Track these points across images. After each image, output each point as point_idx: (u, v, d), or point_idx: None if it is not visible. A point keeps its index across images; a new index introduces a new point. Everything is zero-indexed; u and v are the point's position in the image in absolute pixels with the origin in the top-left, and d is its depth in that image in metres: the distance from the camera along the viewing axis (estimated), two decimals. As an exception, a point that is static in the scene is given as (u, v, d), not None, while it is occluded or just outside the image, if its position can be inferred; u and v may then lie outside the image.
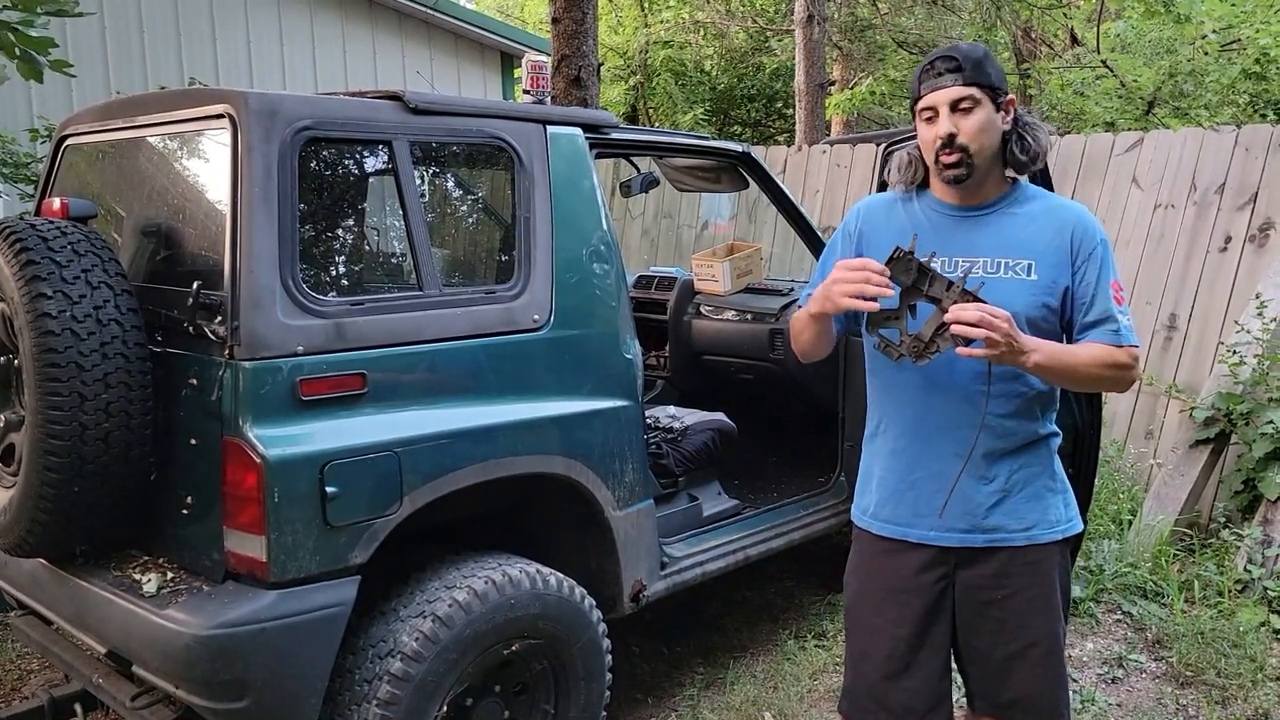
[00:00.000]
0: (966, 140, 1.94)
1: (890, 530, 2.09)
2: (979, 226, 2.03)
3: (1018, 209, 2.03)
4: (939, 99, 1.95)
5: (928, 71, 1.97)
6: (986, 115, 1.95)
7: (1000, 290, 1.94)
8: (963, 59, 1.94)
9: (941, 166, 1.97)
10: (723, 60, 15.32)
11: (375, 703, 2.39)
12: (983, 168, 1.98)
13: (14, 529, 2.43)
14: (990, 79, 1.95)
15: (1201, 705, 3.39)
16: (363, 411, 2.43)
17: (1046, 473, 2.06)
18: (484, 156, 2.92)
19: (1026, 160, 2.01)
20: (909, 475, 2.06)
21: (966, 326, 1.79)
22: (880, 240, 2.07)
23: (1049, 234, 2.00)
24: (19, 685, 3.57)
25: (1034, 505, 2.03)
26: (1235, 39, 8.59)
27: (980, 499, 2.01)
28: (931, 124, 1.97)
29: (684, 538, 3.35)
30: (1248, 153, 5.07)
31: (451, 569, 2.61)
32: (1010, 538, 2.02)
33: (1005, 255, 1.99)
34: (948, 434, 2.01)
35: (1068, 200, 2.11)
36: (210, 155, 2.57)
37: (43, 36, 3.13)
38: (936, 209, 2.07)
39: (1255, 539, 4.19)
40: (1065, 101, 10.07)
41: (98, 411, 2.28)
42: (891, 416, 2.09)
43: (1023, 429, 2.02)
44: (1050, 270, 1.98)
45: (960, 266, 1.97)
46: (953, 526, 2.02)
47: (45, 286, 2.27)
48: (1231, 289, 5.01)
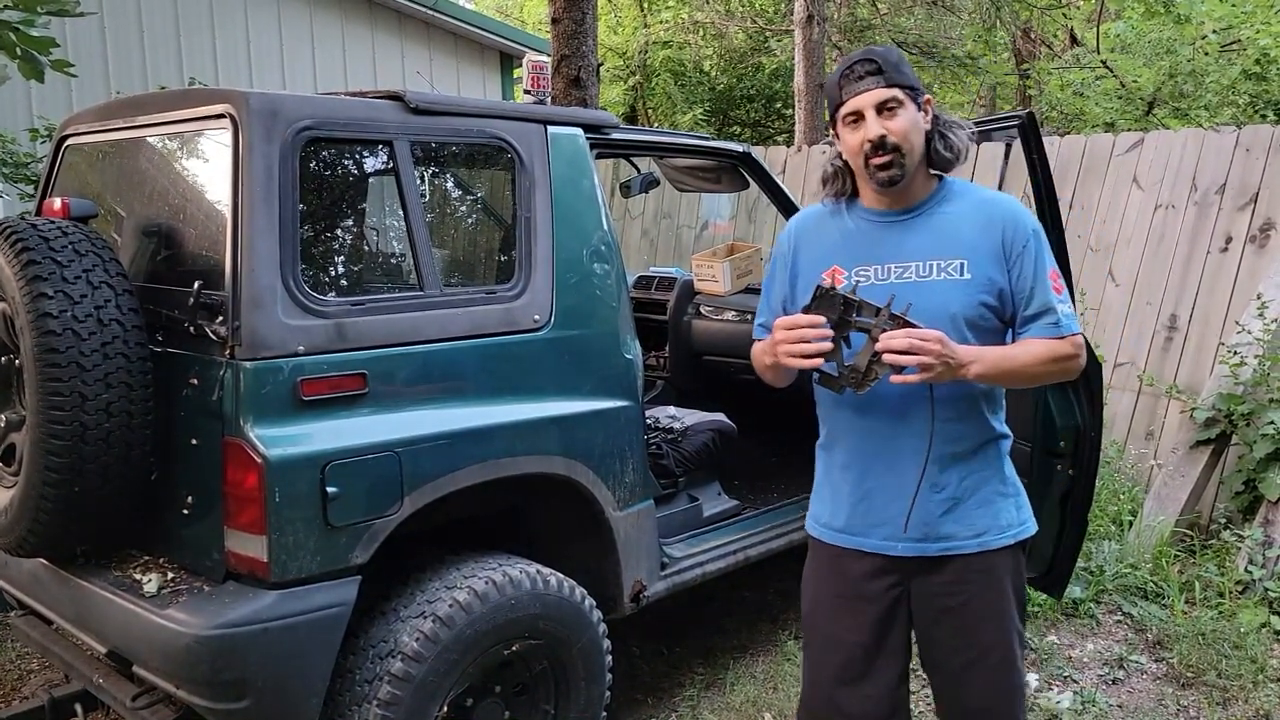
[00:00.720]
0: (897, 140, 1.91)
1: (844, 540, 2.07)
2: (909, 230, 2.00)
3: (946, 208, 2.01)
4: (864, 102, 1.92)
5: (847, 76, 1.94)
6: (911, 115, 1.94)
7: (935, 293, 1.92)
8: (882, 61, 1.93)
9: (874, 170, 1.94)
10: (722, 60, 15.32)
11: (376, 703, 2.39)
12: (912, 168, 1.95)
13: (15, 529, 2.42)
14: (910, 80, 1.95)
15: (1202, 706, 3.39)
16: (363, 412, 2.43)
17: (997, 477, 2.04)
18: (485, 157, 2.92)
19: (951, 157, 1.99)
20: (861, 485, 2.04)
21: (898, 355, 1.78)
22: (814, 258, 2.06)
23: (979, 230, 1.97)
24: (19, 685, 3.56)
25: (985, 511, 2.01)
26: (1235, 39, 8.60)
27: (932, 507, 1.98)
28: (857, 128, 1.94)
29: (684, 538, 3.35)
30: (1248, 153, 5.07)
31: (452, 569, 2.61)
32: (963, 545, 2.00)
33: (936, 256, 1.96)
34: (897, 443, 1.99)
35: (996, 193, 2.09)
36: (211, 155, 2.57)
37: (44, 36, 3.12)
38: (866, 217, 2.04)
39: (1256, 540, 4.19)
40: (1065, 102, 10.08)
41: (99, 411, 2.28)
42: (841, 428, 2.07)
43: (971, 432, 2.00)
44: (984, 267, 1.95)
45: (893, 273, 1.96)
46: (906, 536, 2.00)
47: (46, 286, 2.27)
48: (1232, 289, 5.01)
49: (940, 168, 2.01)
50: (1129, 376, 5.28)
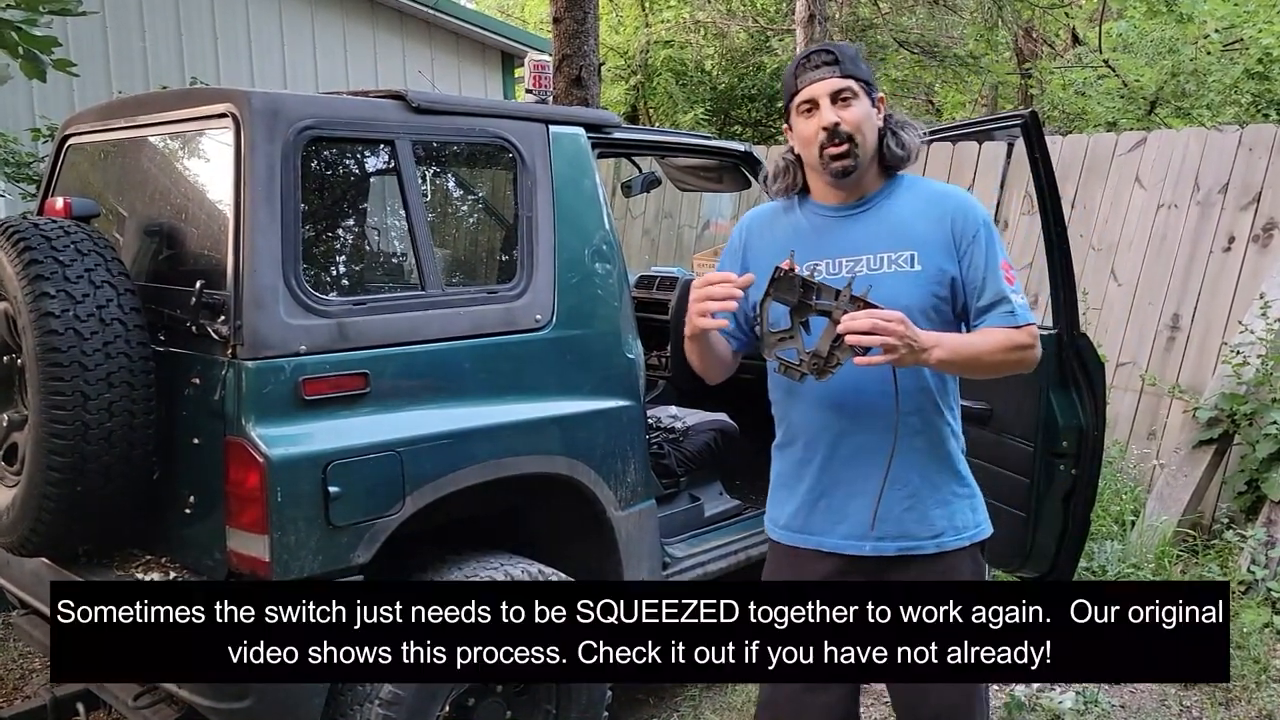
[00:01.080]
0: (851, 129, 1.89)
1: (802, 540, 2.03)
2: (859, 223, 1.98)
3: (895, 201, 1.99)
4: (819, 90, 1.91)
5: (803, 65, 1.93)
6: (865, 108, 1.93)
7: (887, 285, 1.89)
8: (839, 53, 1.92)
9: (828, 160, 1.91)
10: (723, 60, 15.30)
11: (378, 702, 2.39)
12: (866, 161, 1.93)
13: (17, 528, 2.43)
14: (865, 74, 1.94)
15: (1205, 707, 3.38)
16: (365, 411, 2.43)
17: (954, 477, 2.00)
18: (486, 156, 2.92)
19: (904, 155, 1.97)
20: (818, 484, 2.00)
21: (861, 335, 1.74)
22: (765, 252, 2.02)
23: (929, 221, 1.95)
24: (21, 685, 3.57)
25: (942, 512, 1.97)
26: (1238, 39, 8.59)
27: (891, 504, 1.94)
28: (811, 116, 1.92)
29: (685, 538, 3.35)
30: (1251, 153, 5.06)
31: (454, 569, 2.61)
32: (920, 545, 1.96)
33: (887, 249, 1.94)
34: (859, 437, 1.95)
35: (946, 185, 2.07)
36: (213, 155, 2.57)
37: (46, 36, 3.12)
38: (817, 212, 2.02)
39: (1259, 540, 4.18)
40: (1067, 101, 10.07)
41: (101, 411, 2.28)
42: (797, 425, 2.03)
43: (929, 428, 1.96)
44: (935, 258, 1.93)
45: (844, 266, 1.94)
46: (865, 535, 1.96)
47: (48, 286, 2.27)
48: (1235, 289, 5.00)
49: (892, 166, 1.99)
50: (1131, 376, 5.27)
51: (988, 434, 3.21)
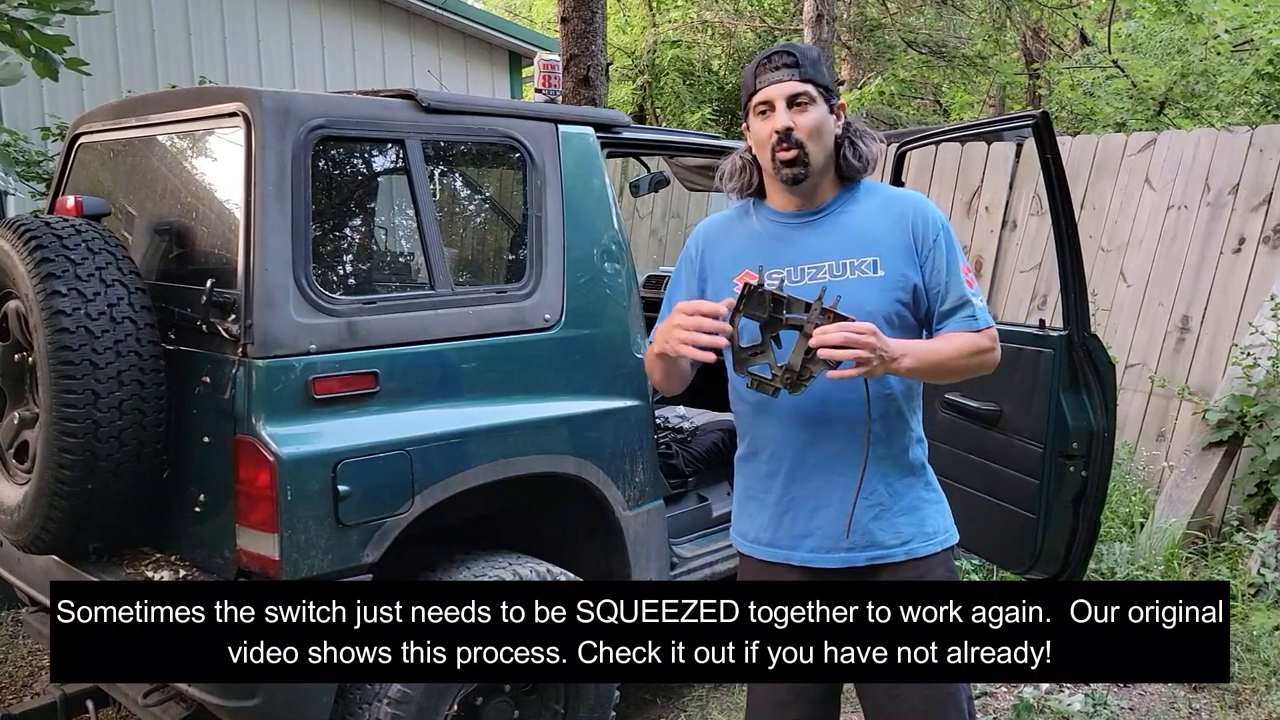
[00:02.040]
0: (803, 136, 1.87)
1: (771, 554, 2.00)
2: (819, 230, 1.95)
3: (854, 206, 1.97)
4: (775, 93, 1.88)
5: (763, 66, 1.91)
6: (821, 114, 1.90)
7: (851, 291, 1.86)
8: (800, 56, 1.90)
9: (779, 164, 1.89)
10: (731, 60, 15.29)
11: (386, 701, 2.39)
12: (818, 169, 1.91)
13: (28, 525, 2.43)
14: (825, 79, 1.91)
15: (1214, 709, 3.37)
16: (374, 410, 2.43)
17: (920, 482, 1.98)
18: (496, 156, 2.92)
19: (860, 166, 1.95)
20: (785, 496, 1.96)
21: (834, 350, 1.71)
22: (722, 261, 2.00)
23: (889, 226, 1.93)
24: (31, 682, 3.58)
25: (910, 518, 1.95)
26: (1248, 39, 8.55)
27: (857, 515, 1.91)
28: (767, 118, 1.90)
29: (693, 538, 3.35)
30: (1262, 153, 5.04)
31: (462, 568, 2.61)
32: (890, 553, 1.94)
33: (849, 255, 1.92)
34: (821, 448, 1.92)
35: (904, 190, 2.05)
36: (223, 154, 2.58)
37: (57, 35, 3.13)
38: (775, 219, 1.99)
39: (1269, 542, 4.16)
40: (1075, 102, 10.05)
41: (111, 409, 2.28)
42: (763, 437, 1.99)
43: (896, 436, 1.94)
44: (897, 263, 1.91)
45: (807, 274, 1.91)
46: (834, 546, 1.93)
47: (60, 284, 2.28)
48: (1245, 290, 4.98)
49: (848, 175, 1.97)
50: (1140, 378, 5.25)
51: (997, 435, 3.21)
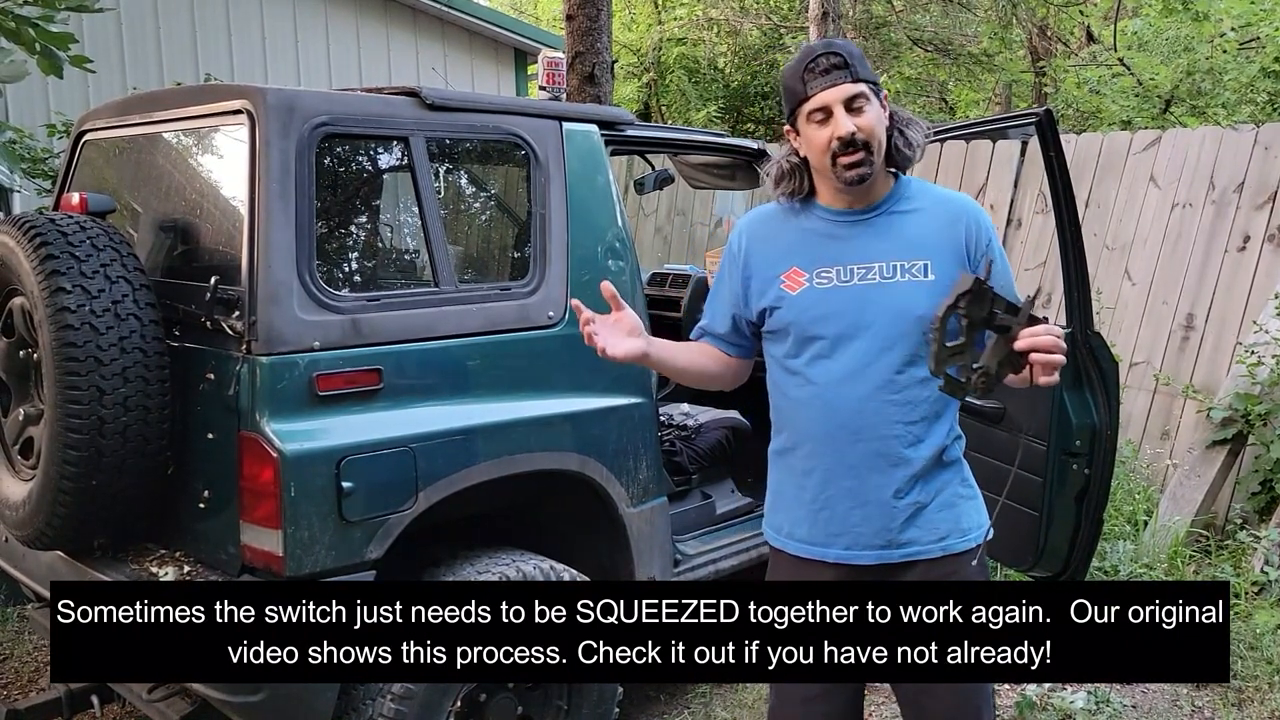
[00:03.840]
0: (867, 137, 1.84)
1: (805, 550, 2.00)
2: (870, 230, 1.94)
3: (905, 206, 1.95)
4: (832, 97, 1.84)
5: (811, 70, 1.85)
6: (877, 112, 1.88)
7: (899, 295, 1.87)
8: (847, 55, 1.86)
9: (843, 169, 1.86)
10: (736, 57, 15.28)
11: (390, 696, 2.40)
12: (878, 166, 1.89)
13: (33, 521, 2.44)
14: (872, 75, 1.90)
15: (1217, 707, 3.37)
16: (378, 407, 2.44)
17: (957, 479, 1.98)
18: (500, 153, 2.92)
19: (910, 155, 1.93)
20: (822, 493, 1.95)
21: (1047, 355, 1.73)
22: (769, 258, 1.98)
23: (940, 228, 1.93)
24: (36, 677, 3.59)
25: (947, 515, 1.95)
26: (1254, 37, 8.53)
27: (896, 513, 1.92)
28: (825, 125, 1.85)
29: (697, 535, 3.35)
30: (1267, 151, 5.03)
31: (466, 565, 2.62)
32: (926, 550, 1.94)
33: (900, 258, 1.90)
34: (858, 447, 1.91)
35: (952, 191, 2.05)
36: (228, 151, 2.58)
37: (62, 32, 3.14)
38: (825, 217, 1.96)
39: (1272, 540, 4.16)
40: (1081, 100, 10.02)
41: (116, 405, 2.29)
42: (801, 433, 1.98)
43: (933, 435, 1.93)
44: (948, 268, 1.90)
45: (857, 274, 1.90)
46: (869, 544, 1.93)
47: (64, 281, 2.28)
48: (1249, 289, 4.97)
49: (899, 165, 1.96)
50: (1145, 376, 5.25)
51: (1001, 433, 3.20)
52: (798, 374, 1.95)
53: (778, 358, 2.00)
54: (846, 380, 1.89)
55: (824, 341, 1.91)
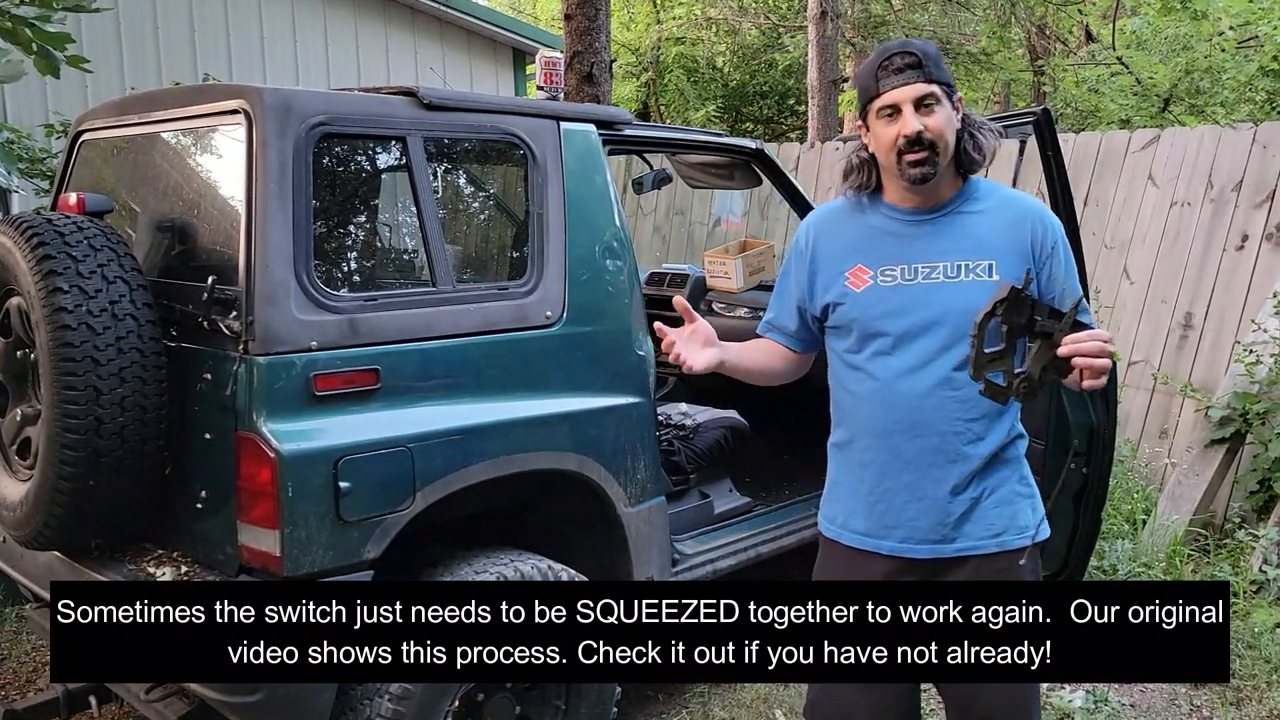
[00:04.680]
0: (934, 137, 1.87)
1: (860, 542, 2.03)
2: (936, 230, 1.97)
3: (972, 207, 1.98)
4: (902, 96, 1.88)
5: (885, 67, 1.89)
6: (948, 114, 1.91)
7: (963, 294, 1.90)
8: (922, 55, 1.89)
9: (906, 166, 1.89)
10: (735, 57, 15.29)
11: (388, 697, 2.39)
12: (943, 167, 1.92)
13: (30, 522, 2.44)
14: (947, 77, 1.92)
15: (1216, 706, 3.37)
16: (376, 407, 2.43)
17: (1015, 477, 2.01)
18: (498, 153, 2.92)
19: (980, 159, 1.96)
20: (878, 486, 1.99)
21: (1092, 360, 1.75)
22: (834, 254, 2.02)
23: (1006, 230, 1.95)
24: (34, 677, 3.59)
25: (1004, 511, 1.98)
26: (1252, 36, 8.53)
27: (952, 509, 1.95)
28: (893, 122, 1.89)
29: (695, 535, 3.35)
30: (1265, 150, 5.03)
31: (464, 565, 2.62)
32: (981, 545, 1.96)
33: (965, 258, 1.93)
34: (917, 443, 1.95)
35: (1020, 193, 2.07)
36: (225, 151, 2.58)
37: (59, 32, 3.14)
38: (891, 215, 2.00)
39: (1271, 539, 4.16)
40: (1080, 99, 10.03)
41: (113, 405, 2.29)
42: (860, 427, 2.02)
43: (992, 433, 1.96)
44: (1012, 269, 1.91)
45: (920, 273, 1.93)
46: (924, 538, 1.97)
47: (61, 281, 2.28)
48: (1248, 287, 4.97)
49: (968, 169, 1.98)
50: (1143, 374, 5.25)
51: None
52: (859, 369, 1.99)
53: (840, 352, 2.04)
54: (907, 376, 1.93)
55: (886, 338, 1.95)
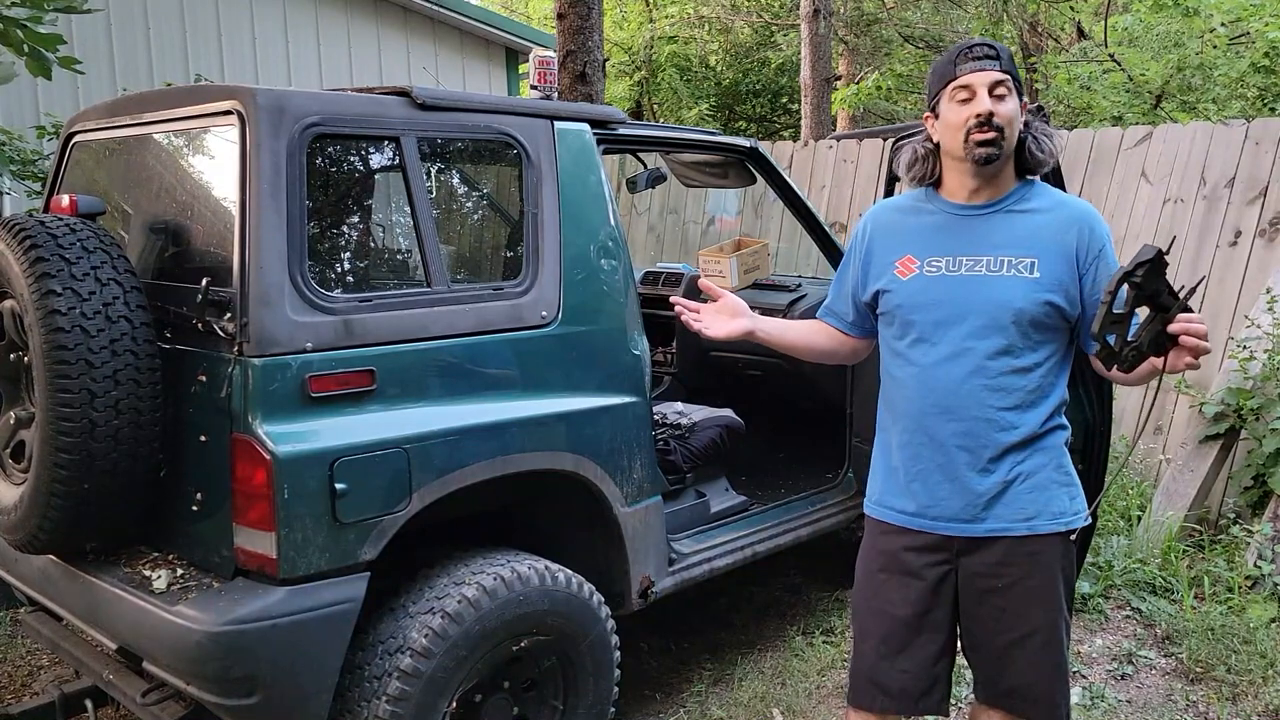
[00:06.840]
0: (1003, 122, 1.97)
1: (895, 518, 2.14)
2: (985, 224, 2.06)
3: (1024, 206, 2.07)
4: (978, 79, 1.98)
5: (964, 55, 2.01)
6: (1016, 105, 2.01)
7: (1000, 288, 1.99)
8: (999, 50, 2.01)
9: (974, 145, 1.98)
10: (728, 55, 15.28)
11: (385, 699, 2.39)
12: (1007, 155, 2.01)
13: (25, 525, 2.43)
14: (1018, 75, 2.03)
15: (1211, 701, 3.38)
16: (371, 408, 2.43)
17: (1051, 465, 2.07)
18: (492, 152, 2.91)
19: (1043, 159, 2.05)
20: (914, 466, 2.10)
21: (1198, 340, 1.81)
22: (887, 246, 2.14)
23: (1053, 231, 2.03)
24: (30, 681, 3.58)
25: (1037, 496, 2.05)
26: (1244, 32, 8.55)
27: (982, 490, 2.03)
28: (965, 104, 1.99)
29: (692, 534, 3.35)
30: (1258, 146, 5.04)
31: (461, 565, 2.61)
32: (1011, 527, 2.05)
33: (1009, 253, 2.02)
34: (949, 426, 2.04)
35: (1072, 197, 2.15)
36: (218, 152, 2.57)
37: (51, 33, 3.13)
38: (945, 209, 2.10)
39: (1265, 535, 4.17)
40: (1072, 95, 10.03)
41: (107, 408, 2.28)
42: (899, 410, 2.12)
43: (1026, 422, 2.03)
44: (1054, 268, 2.00)
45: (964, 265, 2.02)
46: (955, 516, 2.06)
47: (55, 284, 2.27)
48: (1241, 284, 4.99)
49: (1031, 169, 2.07)
50: (1137, 371, 5.25)
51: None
52: (901, 355, 2.11)
53: (887, 340, 2.16)
54: (943, 363, 2.03)
55: (926, 325, 2.05)
